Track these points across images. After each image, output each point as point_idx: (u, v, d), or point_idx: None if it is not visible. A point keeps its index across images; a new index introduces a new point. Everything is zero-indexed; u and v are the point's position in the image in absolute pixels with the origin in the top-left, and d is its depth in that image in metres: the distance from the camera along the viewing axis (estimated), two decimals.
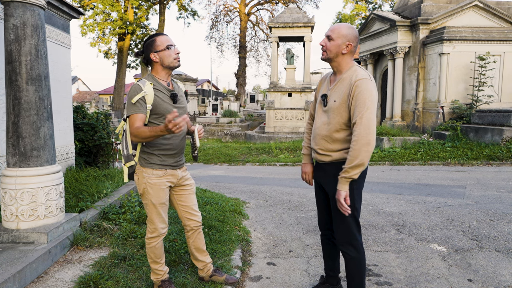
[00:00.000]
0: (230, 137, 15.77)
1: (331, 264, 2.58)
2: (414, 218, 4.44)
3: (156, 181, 2.38)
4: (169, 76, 2.45)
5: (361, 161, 2.06)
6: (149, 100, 2.29)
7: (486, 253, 3.36)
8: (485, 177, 7.03)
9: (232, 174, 8.43)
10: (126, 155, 2.42)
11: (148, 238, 2.49)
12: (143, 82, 2.33)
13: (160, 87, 2.38)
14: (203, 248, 2.71)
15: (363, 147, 2.06)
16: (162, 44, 2.33)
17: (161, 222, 2.46)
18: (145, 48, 2.38)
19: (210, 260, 2.77)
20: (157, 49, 2.33)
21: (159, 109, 2.33)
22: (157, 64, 2.38)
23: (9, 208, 3.01)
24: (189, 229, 2.63)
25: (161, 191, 2.41)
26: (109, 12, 22.53)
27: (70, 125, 5.53)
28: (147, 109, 2.30)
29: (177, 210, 2.61)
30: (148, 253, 2.51)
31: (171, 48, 2.35)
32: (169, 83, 2.45)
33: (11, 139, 3.03)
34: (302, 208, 5.02)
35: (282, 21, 14.79)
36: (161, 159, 2.39)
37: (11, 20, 2.97)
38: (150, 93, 2.30)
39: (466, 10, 12.29)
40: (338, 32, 2.17)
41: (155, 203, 2.41)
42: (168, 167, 2.43)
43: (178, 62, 2.39)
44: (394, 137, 10.70)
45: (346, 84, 2.16)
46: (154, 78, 2.40)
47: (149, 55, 2.35)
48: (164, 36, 2.38)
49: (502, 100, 11.92)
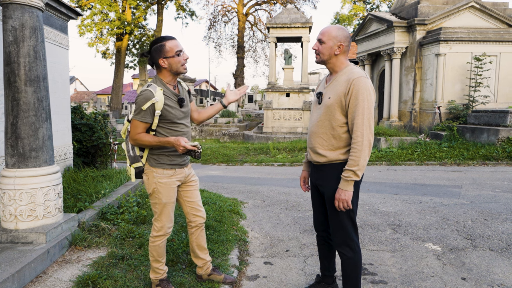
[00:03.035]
0: (228, 137, 15.80)
1: (327, 264, 2.61)
2: (410, 218, 4.48)
3: (166, 180, 2.43)
4: (175, 80, 2.46)
5: (365, 160, 2.11)
6: (158, 106, 2.30)
7: (480, 252, 3.41)
8: (481, 177, 7.09)
9: (230, 174, 8.46)
10: (133, 156, 2.44)
11: (153, 236, 2.52)
12: (154, 88, 2.31)
13: (168, 93, 2.39)
14: (204, 245, 2.75)
15: (365, 148, 2.10)
16: (171, 50, 2.31)
17: (168, 221, 2.51)
18: (153, 51, 2.34)
19: (210, 258, 2.80)
20: (167, 55, 2.31)
21: (167, 115, 2.36)
22: (165, 70, 2.36)
23: (7, 209, 3.03)
24: (194, 226, 2.67)
25: (171, 190, 2.46)
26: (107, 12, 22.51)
27: (68, 125, 5.55)
28: (156, 115, 2.32)
29: (183, 206, 2.65)
30: (150, 252, 2.54)
31: (180, 55, 2.34)
32: (175, 87, 2.46)
33: (9, 140, 3.06)
34: (299, 208, 5.06)
35: (280, 21, 14.83)
36: (171, 159, 2.44)
37: (9, 22, 3.00)
38: (161, 100, 2.30)
39: (462, 11, 12.37)
40: (329, 34, 2.21)
41: (165, 202, 2.45)
42: (177, 166, 2.48)
43: (185, 69, 2.38)
44: (391, 137, 10.76)
45: (342, 82, 2.19)
46: (163, 82, 2.39)
47: (158, 60, 2.33)
48: (174, 41, 2.34)
49: (498, 101, 12.00)
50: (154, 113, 2.31)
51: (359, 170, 2.11)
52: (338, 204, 2.18)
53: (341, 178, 2.17)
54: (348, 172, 2.13)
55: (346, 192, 2.15)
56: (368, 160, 2.14)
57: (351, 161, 2.12)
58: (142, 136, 2.33)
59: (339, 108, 2.19)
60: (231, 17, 30.86)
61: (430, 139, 11.15)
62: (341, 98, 2.17)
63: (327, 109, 2.23)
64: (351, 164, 2.12)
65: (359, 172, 2.12)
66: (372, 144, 2.13)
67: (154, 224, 2.53)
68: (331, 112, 2.21)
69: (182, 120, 2.46)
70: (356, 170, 2.11)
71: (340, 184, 2.17)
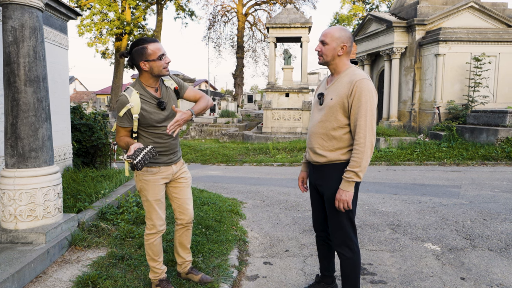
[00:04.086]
0: (228, 137, 15.80)
1: (326, 264, 2.61)
2: (409, 218, 4.49)
3: (151, 178, 2.45)
4: (158, 82, 2.42)
5: (367, 162, 2.12)
6: (135, 111, 2.31)
7: (479, 252, 3.42)
8: (480, 177, 7.10)
9: (229, 174, 8.46)
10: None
11: (146, 234, 2.54)
12: (129, 92, 2.31)
13: (147, 97, 2.36)
14: (187, 245, 2.75)
15: (368, 149, 2.11)
16: (154, 54, 2.27)
17: (158, 219, 2.51)
18: (134, 53, 2.29)
19: (190, 259, 2.80)
20: (149, 58, 2.27)
21: (145, 120, 2.36)
22: (146, 73, 2.33)
23: (7, 209, 3.03)
24: (179, 223, 2.67)
25: (156, 188, 2.46)
26: (106, 12, 22.49)
27: (68, 125, 5.55)
28: (134, 119, 2.33)
29: (171, 203, 2.66)
30: (146, 250, 2.56)
31: (162, 59, 2.31)
32: (157, 89, 2.42)
33: (9, 140, 3.06)
34: (299, 208, 5.06)
35: (279, 21, 14.84)
36: (155, 158, 2.41)
37: (9, 22, 3.00)
38: (137, 104, 2.30)
39: (461, 11, 12.38)
40: (331, 35, 2.22)
41: (151, 200, 2.47)
42: (162, 164, 2.48)
43: (167, 71, 2.36)
44: (390, 138, 10.77)
45: (345, 84, 2.19)
46: (142, 85, 2.36)
47: (139, 62, 2.29)
48: (156, 44, 2.29)
49: (497, 101, 12.01)
50: (132, 117, 2.32)
51: (361, 171, 2.12)
52: (338, 204, 2.19)
53: (343, 179, 2.17)
54: (350, 173, 2.14)
55: (347, 193, 2.16)
56: (369, 161, 2.15)
57: (353, 162, 2.13)
58: (120, 140, 2.39)
59: (341, 109, 2.19)
60: (231, 17, 30.86)
61: (430, 139, 11.16)
62: (344, 100, 2.17)
63: (329, 110, 2.23)
64: (353, 165, 2.13)
65: (360, 173, 2.13)
66: (374, 146, 2.15)
67: (146, 223, 2.55)
68: (333, 113, 2.22)
69: (164, 123, 2.41)
70: (358, 172, 2.12)
71: (341, 185, 2.17)
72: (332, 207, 2.27)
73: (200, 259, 3.08)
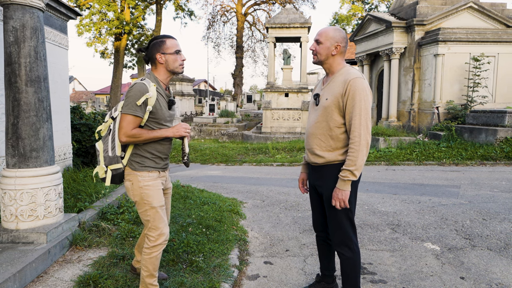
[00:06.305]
0: (227, 137, 15.81)
1: (327, 263, 2.63)
2: (409, 218, 4.51)
3: (153, 182, 2.32)
4: (169, 81, 2.42)
5: (362, 160, 2.13)
6: (151, 102, 2.23)
7: (479, 252, 3.43)
8: (479, 177, 7.12)
9: (229, 174, 8.47)
10: (111, 156, 2.29)
11: (151, 247, 2.29)
12: (148, 82, 2.26)
13: (161, 91, 2.34)
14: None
15: (363, 148, 2.12)
16: (171, 48, 2.30)
17: (165, 226, 2.35)
18: (151, 46, 2.31)
19: None
20: (166, 51, 2.29)
21: (157, 114, 2.29)
22: (161, 66, 2.32)
23: (8, 209, 3.04)
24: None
25: (159, 192, 2.36)
26: (106, 12, 22.46)
27: (68, 125, 5.55)
28: (147, 110, 2.24)
29: None
30: (146, 266, 2.31)
31: (179, 54, 2.33)
32: (167, 87, 2.43)
33: (10, 140, 3.06)
34: (299, 208, 5.08)
35: (279, 21, 14.85)
36: (155, 162, 2.35)
37: (10, 22, 3.00)
38: (154, 96, 2.25)
39: (461, 11, 12.41)
40: (326, 35, 2.24)
41: (157, 206, 2.31)
42: (160, 169, 2.40)
43: (182, 68, 2.35)
44: (389, 138, 10.79)
45: (339, 83, 2.21)
46: (157, 80, 2.34)
47: (155, 54, 2.29)
48: (174, 40, 2.34)
49: (496, 101, 12.04)
50: (146, 108, 2.22)
51: (356, 170, 2.13)
52: (335, 203, 2.21)
53: (339, 178, 2.19)
54: (345, 172, 2.15)
55: (343, 192, 2.17)
56: (365, 160, 2.17)
57: (349, 161, 2.15)
58: (138, 132, 2.21)
59: (337, 109, 2.21)
60: (230, 17, 30.88)
61: (429, 139, 11.19)
62: (338, 99, 2.19)
63: (324, 110, 2.25)
64: (349, 164, 2.14)
65: (356, 172, 2.14)
66: (369, 144, 2.16)
67: (149, 235, 2.30)
68: (329, 113, 2.23)
69: (168, 123, 2.40)
70: (353, 170, 2.13)
71: (338, 184, 2.19)
72: (331, 207, 2.28)
73: (201, 259, 3.09)
